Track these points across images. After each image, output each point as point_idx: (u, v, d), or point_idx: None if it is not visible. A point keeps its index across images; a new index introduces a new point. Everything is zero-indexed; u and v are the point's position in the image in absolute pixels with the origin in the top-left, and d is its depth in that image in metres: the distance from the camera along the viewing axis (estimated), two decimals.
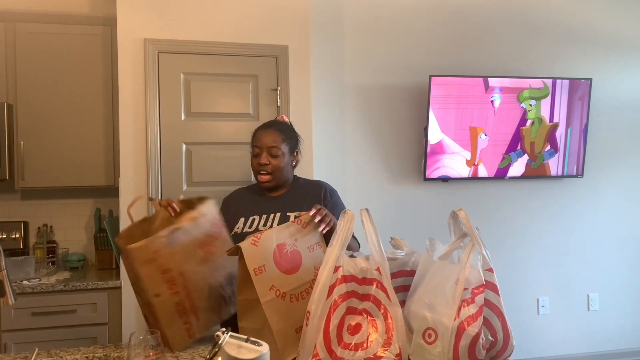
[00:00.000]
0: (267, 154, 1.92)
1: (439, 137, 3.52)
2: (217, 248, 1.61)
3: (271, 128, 1.99)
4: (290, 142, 1.98)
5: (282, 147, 1.93)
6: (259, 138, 1.96)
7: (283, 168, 1.94)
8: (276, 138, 1.94)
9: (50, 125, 2.87)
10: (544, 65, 3.79)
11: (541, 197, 3.82)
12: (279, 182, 1.96)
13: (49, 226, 3.14)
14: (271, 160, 1.92)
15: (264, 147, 1.93)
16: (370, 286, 1.42)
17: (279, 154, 1.92)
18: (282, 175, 1.95)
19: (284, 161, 1.94)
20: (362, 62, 3.49)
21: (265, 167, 1.92)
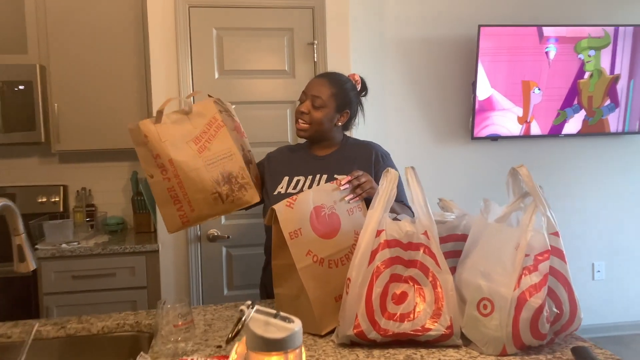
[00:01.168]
0: (310, 102, 1.77)
1: (488, 92, 3.29)
2: (214, 146, 1.66)
3: (324, 78, 1.83)
4: (340, 98, 1.79)
5: (328, 101, 1.76)
6: (308, 85, 1.82)
7: (323, 123, 1.77)
8: (324, 89, 1.77)
9: (83, 86, 2.81)
10: (605, 11, 3.46)
11: (600, 156, 3.56)
12: (316, 136, 1.81)
13: (88, 190, 3.12)
14: (311, 111, 1.76)
15: (309, 95, 1.78)
16: (416, 252, 1.28)
17: (321, 106, 1.76)
18: (321, 130, 1.79)
19: (326, 116, 1.77)
20: (403, 13, 3.26)
21: (303, 115, 1.78)
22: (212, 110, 1.71)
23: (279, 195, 1.76)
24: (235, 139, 1.74)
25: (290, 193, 1.78)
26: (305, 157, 1.85)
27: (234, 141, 1.71)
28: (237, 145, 1.73)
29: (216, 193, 1.62)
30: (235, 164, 1.68)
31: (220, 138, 1.68)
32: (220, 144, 1.67)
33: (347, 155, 1.83)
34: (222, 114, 1.74)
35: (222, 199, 1.63)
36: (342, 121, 1.82)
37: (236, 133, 1.79)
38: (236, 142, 1.73)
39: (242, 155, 1.72)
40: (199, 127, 1.66)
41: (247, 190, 1.70)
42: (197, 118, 1.68)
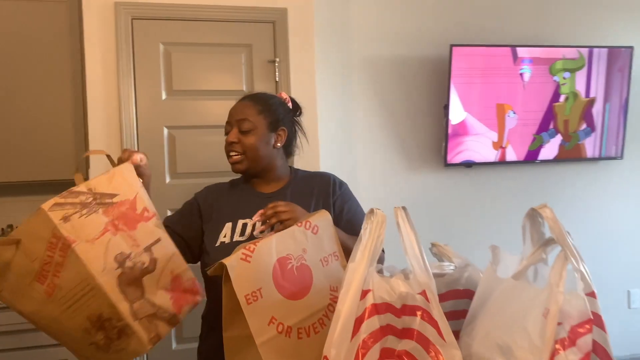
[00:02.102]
0: (237, 129, 1.50)
1: (462, 116, 3.08)
2: (64, 279, 1.08)
3: (245, 99, 1.56)
4: (269, 115, 1.52)
5: (256, 121, 1.49)
6: (230, 112, 1.55)
7: (258, 147, 1.49)
8: (248, 110, 1.51)
9: (8, 109, 2.43)
10: (580, 32, 3.33)
11: (576, 183, 3.38)
12: (256, 167, 1.52)
13: (15, 227, 2.71)
14: (241, 138, 1.49)
15: (233, 121, 1.51)
16: (412, 317, 0.98)
17: (250, 129, 1.49)
18: (259, 157, 1.50)
19: (259, 139, 1.49)
20: (371, 30, 3.03)
21: (233, 146, 1.50)
22: (48, 224, 1.07)
23: (222, 246, 1.45)
24: (104, 249, 1.11)
25: (238, 241, 1.46)
26: (249, 196, 1.56)
27: (97, 259, 1.09)
28: (105, 262, 1.10)
29: (93, 344, 1.13)
30: (101, 300, 1.09)
31: (71, 265, 1.08)
32: (71, 274, 1.08)
33: (301, 190, 1.55)
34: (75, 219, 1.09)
35: (105, 349, 1.14)
36: (280, 141, 1.55)
37: (119, 230, 1.15)
38: (104, 257, 1.10)
39: (116, 277, 1.11)
40: (39, 257, 1.08)
41: (129, 337, 1.13)
42: (32, 244, 1.09)
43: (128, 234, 1.15)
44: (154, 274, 1.15)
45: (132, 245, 1.14)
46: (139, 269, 1.14)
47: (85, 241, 1.08)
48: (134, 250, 1.14)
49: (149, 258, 1.15)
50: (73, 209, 1.09)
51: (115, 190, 1.16)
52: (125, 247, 1.13)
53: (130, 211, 1.17)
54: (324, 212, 1.21)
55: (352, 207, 1.57)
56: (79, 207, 1.10)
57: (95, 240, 1.10)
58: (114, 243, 1.12)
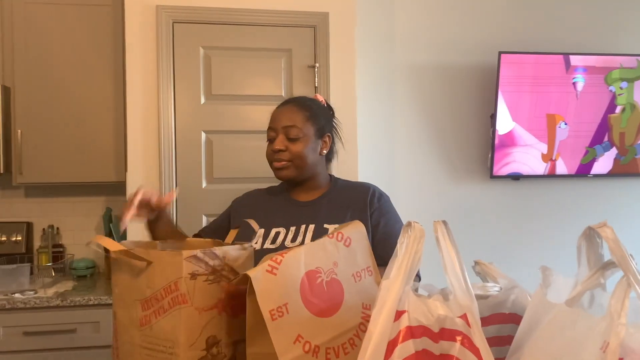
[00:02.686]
0: (284, 136, 1.43)
1: (510, 126, 2.94)
2: (160, 325, 1.06)
3: (289, 104, 1.50)
4: (317, 121, 1.47)
5: (305, 128, 1.44)
6: (274, 118, 1.49)
7: (307, 155, 1.43)
8: (295, 115, 1.44)
9: (52, 111, 2.47)
10: (638, 39, 3.14)
11: (632, 199, 3.18)
12: (303, 174, 1.46)
13: (56, 227, 2.75)
14: (289, 145, 1.42)
15: (279, 129, 1.45)
16: (451, 343, 0.89)
17: (299, 136, 1.42)
18: (306, 165, 1.44)
19: (307, 146, 1.43)
20: (415, 37, 2.93)
21: (280, 154, 1.43)
22: (178, 271, 1.05)
23: (255, 252, 1.39)
24: (204, 324, 1.06)
25: (268, 249, 1.41)
26: (285, 203, 1.50)
27: (193, 331, 1.04)
28: (198, 339, 1.05)
29: None
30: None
31: (171, 319, 1.05)
32: (167, 326, 1.05)
33: (338, 200, 1.48)
34: (199, 281, 1.06)
35: None
36: (325, 148, 1.49)
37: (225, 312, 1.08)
38: (200, 332, 1.05)
39: (197, 358, 1.04)
40: (154, 288, 1.07)
41: None
42: (156, 274, 1.08)
43: (228, 319, 1.08)
44: None
45: (225, 333, 1.08)
46: (217, 359, 1.07)
47: (195, 308, 1.04)
48: (225, 339, 1.07)
49: (231, 353, 1.08)
50: (204, 270, 1.06)
51: (241, 270, 1.10)
52: (220, 332, 1.07)
53: (241, 298, 1.07)
54: (357, 223, 1.13)
55: (390, 221, 1.48)
56: (210, 271, 1.07)
57: (203, 311, 1.05)
58: (215, 323, 1.06)
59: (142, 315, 1.08)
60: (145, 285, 1.08)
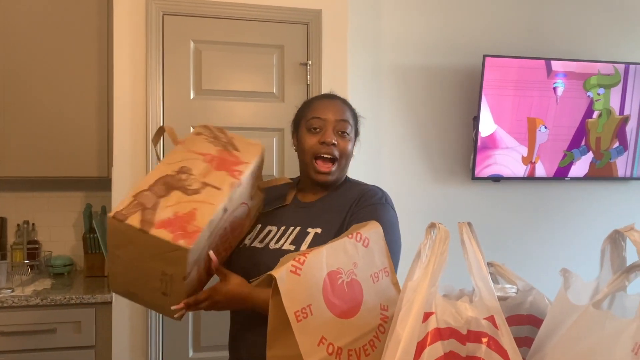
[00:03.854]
0: (334, 130, 1.35)
1: (492, 128, 2.99)
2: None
3: (338, 99, 1.44)
4: (356, 123, 1.45)
5: (352, 126, 1.41)
6: (323, 109, 1.37)
7: (350, 156, 1.40)
8: (346, 111, 1.39)
9: (32, 103, 2.37)
10: (616, 47, 3.24)
11: (606, 202, 3.28)
12: (341, 177, 1.42)
13: (31, 223, 2.64)
14: (339, 141, 1.35)
15: (331, 121, 1.35)
16: (477, 344, 0.90)
17: (349, 134, 1.37)
18: (346, 166, 1.41)
19: (351, 146, 1.40)
20: (403, 38, 2.95)
21: (332, 148, 1.34)
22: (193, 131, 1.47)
23: (243, 248, 1.38)
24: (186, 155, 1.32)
25: (254, 247, 1.38)
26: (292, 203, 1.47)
27: (175, 155, 1.32)
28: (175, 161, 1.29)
29: None
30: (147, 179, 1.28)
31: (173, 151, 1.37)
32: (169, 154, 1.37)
33: (333, 203, 1.41)
34: (200, 136, 1.39)
35: None
36: (355, 151, 1.46)
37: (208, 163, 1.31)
38: (179, 158, 1.30)
39: (166, 172, 1.26)
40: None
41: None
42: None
43: (209, 168, 1.27)
44: (184, 196, 1.20)
45: (200, 174, 1.25)
46: (182, 184, 1.22)
47: (185, 147, 1.31)
48: (197, 176, 1.24)
49: (196, 187, 1.23)
50: (209, 134, 1.37)
51: (241, 148, 1.35)
52: (197, 170, 1.25)
53: (230, 164, 1.30)
54: (374, 224, 1.13)
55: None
56: (212, 136, 1.36)
57: (190, 151, 1.29)
58: (196, 163, 1.27)
59: None
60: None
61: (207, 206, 1.19)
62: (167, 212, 1.16)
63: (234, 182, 1.25)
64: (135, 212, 1.14)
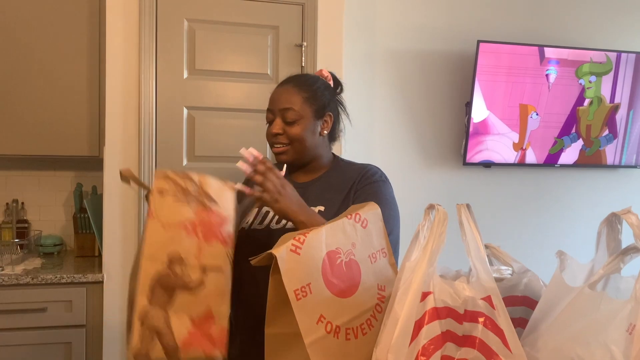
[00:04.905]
0: (281, 119, 1.39)
1: (484, 114, 3.00)
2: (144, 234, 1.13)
3: (288, 84, 1.44)
4: (316, 101, 1.41)
5: (301, 110, 1.39)
6: (271, 99, 1.43)
7: (305, 138, 1.39)
8: (293, 97, 1.39)
9: (20, 79, 2.33)
10: (608, 35, 3.26)
11: (595, 189, 3.32)
12: (302, 157, 1.42)
13: (20, 202, 2.62)
14: (286, 129, 1.38)
15: (277, 111, 1.40)
16: (474, 324, 0.91)
17: (296, 119, 1.38)
18: (305, 148, 1.40)
19: (305, 129, 1.39)
20: (397, 22, 2.94)
21: (278, 138, 1.39)
22: (152, 185, 1.12)
23: (243, 232, 1.38)
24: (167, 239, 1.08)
25: (255, 229, 1.39)
26: None
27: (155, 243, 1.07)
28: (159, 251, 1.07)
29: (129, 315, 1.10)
30: (135, 280, 1.07)
31: (144, 231, 1.09)
32: (143, 237, 1.10)
33: (332, 182, 1.44)
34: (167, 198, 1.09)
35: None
36: (326, 129, 1.45)
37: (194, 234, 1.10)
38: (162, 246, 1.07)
39: (157, 270, 1.06)
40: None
41: (129, 329, 1.07)
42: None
43: (199, 243, 1.08)
44: (191, 297, 1.06)
45: (193, 255, 1.07)
46: (181, 280, 1.06)
47: (160, 222, 1.07)
48: (191, 261, 1.07)
49: (198, 277, 1.07)
50: (174, 189, 1.09)
51: (218, 198, 1.12)
52: (186, 253, 1.07)
53: (216, 226, 1.11)
54: (373, 205, 1.13)
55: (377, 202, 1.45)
56: (180, 191, 1.10)
57: (168, 226, 1.07)
58: (180, 241, 1.07)
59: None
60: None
61: (218, 298, 1.09)
62: (183, 324, 1.05)
63: (229, 252, 1.13)
64: (153, 342, 1.03)
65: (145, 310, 1.03)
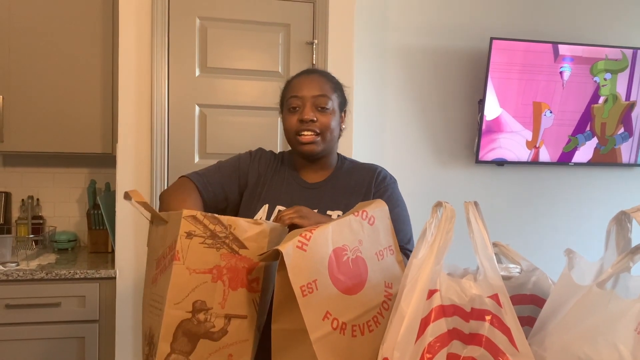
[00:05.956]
0: (313, 106, 1.35)
1: (497, 112, 2.98)
2: (159, 283, 1.08)
3: (315, 73, 1.43)
4: (340, 95, 1.42)
5: (333, 99, 1.37)
6: (300, 86, 1.38)
7: (334, 129, 1.38)
8: (324, 85, 1.38)
9: (36, 76, 2.36)
10: (624, 32, 3.21)
11: (609, 188, 3.28)
12: (327, 149, 1.40)
13: (35, 199, 2.66)
14: (319, 116, 1.35)
15: (308, 98, 1.35)
16: (480, 322, 0.91)
17: (329, 108, 1.35)
18: (332, 139, 1.39)
19: (335, 119, 1.38)
20: (410, 19, 2.93)
21: (311, 125, 1.34)
22: (176, 229, 1.05)
23: None
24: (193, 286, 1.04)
25: None
26: (292, 182, 1.46)
27: (181, 290, 1.03)
28: (185, 298, 1.03)
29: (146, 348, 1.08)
30: (157, 325, 1.03)
31: (166, 277, 1.05)
32: (162, 283, 1.06)
33: (343, 184, 1.43)
34: (195, 242, 1.04)
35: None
36: (344, 123, 1.46)
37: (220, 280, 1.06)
38: (188, 293, 1.03)
39: (181, 318, 1.03)
40: (164, 246, 1.08)
41: None
42: (168, 231, 1.09)
43: (225, 289, 1.06)
44: (213, 344, 1.04)
45: (218, 303, 1.05)
46: (205, 328, 1.04)
47: (186, 267, 1.03)
48: (216, 309, 1.05)
49: (222, 326, 1.06)
50: (202, 232, 1.05)
51: (248, 243, 1.08)
52: (212, 300, 1.05)
53: (243, 272, 1.07)
54: (380, 202, 1.13)
55: (392, 205, 1.39)
56: (209, 235, 1.05)
57: (194, 272, 1.03)
58: (206, 288, 1.04)
59: (154, 273, 1.10)
60: (160, 244, 1.10)
61: (240, 346, 1.07)
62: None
63: (255, 298, 1.09)
64: None
65: (167, 356, 1.02)
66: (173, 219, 1.07)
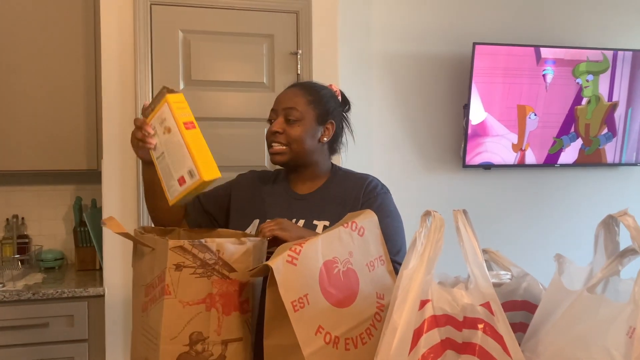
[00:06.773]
0: (283, 118, 1.39)
1: (482, 116, 2.99)
2: (151, 314, 1.06)
3: (295, 87, 1.46)
4: (319, 106, 1.42)
5: (305, 112, 1.39)
6: (277, 99, 1.44)
7: (304, 140, 1.38)
8: (298, 99, 1.40)
9: (17, 94, 2.33)
10: (604, 34, 3.25)
11: (595, 188, 3.30)
12: (297, 161, 1.41)
13: (20, 218, 2.62)
14: (286, 128, 1.38)
15: (280, 110, 1.40)
16: (473, 331, 0.90)
17: (298, 119, 1.38)
18: (303, 150, 1.39)
19: (306, 131, 1.38)
20: (393, 26, 2.94)
21: (277, 136, 1.38)
22: (164, 261, 1.02)
23: None
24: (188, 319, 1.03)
25: None
26: (283, 193, 1.47)
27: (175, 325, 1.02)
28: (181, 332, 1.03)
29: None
30: (154, 355, 1.03)
31: (157, 310, 1.03)
32: (154, 316, 1.04)
33: (333, 194, 1.43)
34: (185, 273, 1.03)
35: None
36: (327, 136, 1.44)
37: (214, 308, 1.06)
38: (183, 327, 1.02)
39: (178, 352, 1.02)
40: (153, 274, 1.06)
41: None
42: (154, 262, 1.06)
43: (219, 316, 1.05)
44: None
45: (214, 330, 1.04)
46: (204, 358, 1.03)
47: (179, 301, 1.01)
48: (213, 337, 1.04)
49: (220, 352, 1.05)
50: (192, 262, 1.03)
51: (237, 265, 1.07)
52: (207, 329, 1.04)
53: (235, 295, 1.07)
54: (369, 213, 1.13)
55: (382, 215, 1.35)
56: (198, 264, 1.03)
57: (187, 305, 1.02)
58: (201, 318, 1.03)
59: (144, 300, 1.09)
60: (148, 271, 1.08)
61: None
62: None
63: (247, 318, 1.10)
64: None
65: None
66: (160, 247, 1.05)
